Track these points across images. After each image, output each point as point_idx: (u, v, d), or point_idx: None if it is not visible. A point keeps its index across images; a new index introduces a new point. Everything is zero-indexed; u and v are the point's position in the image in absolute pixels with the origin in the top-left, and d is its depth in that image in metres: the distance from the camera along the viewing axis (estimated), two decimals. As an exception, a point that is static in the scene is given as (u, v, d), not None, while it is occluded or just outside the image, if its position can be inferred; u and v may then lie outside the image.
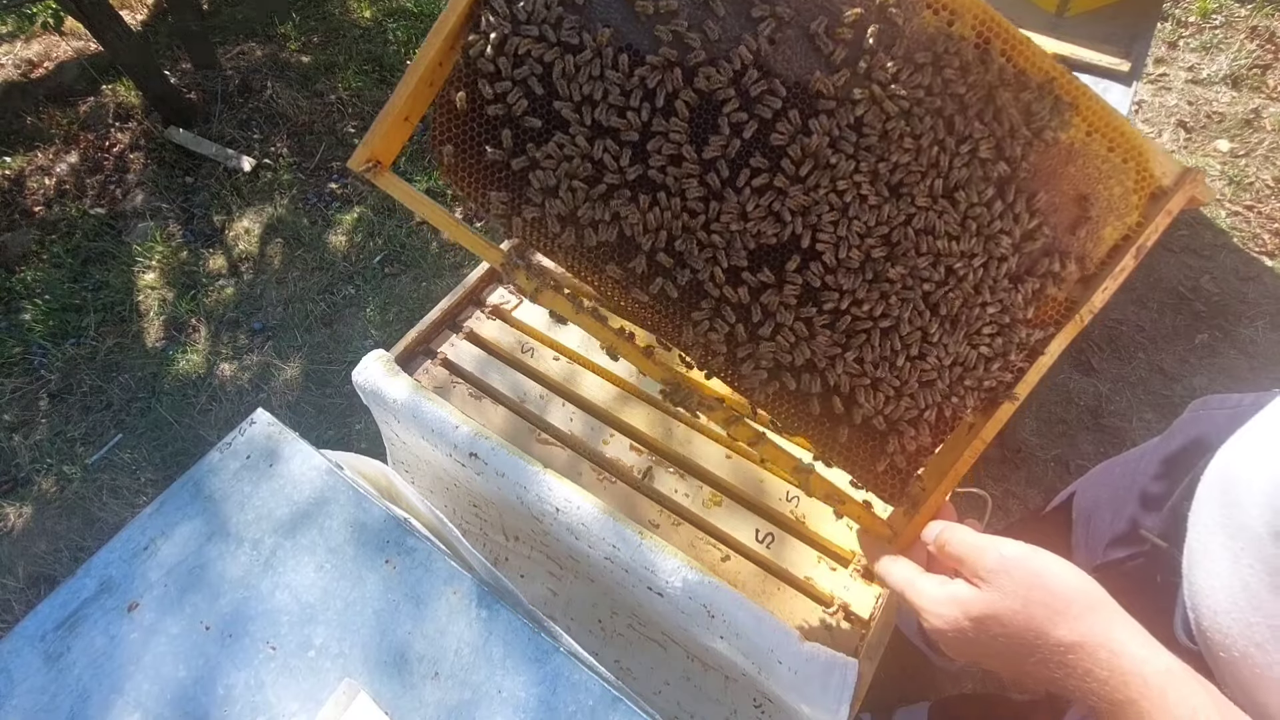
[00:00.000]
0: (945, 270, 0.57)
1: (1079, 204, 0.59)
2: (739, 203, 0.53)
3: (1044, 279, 0.59)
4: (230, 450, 0.74)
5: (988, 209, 0.56)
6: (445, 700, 0.58)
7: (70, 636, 0.62)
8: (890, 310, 0.56)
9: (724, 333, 0.56)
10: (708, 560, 0.74)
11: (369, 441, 1.84)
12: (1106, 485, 0.80)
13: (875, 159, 0.53)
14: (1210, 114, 2.40)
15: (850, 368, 0.57)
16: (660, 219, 0.54)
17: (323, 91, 2.67)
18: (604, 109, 0.53)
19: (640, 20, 0.53)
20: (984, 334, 0.58)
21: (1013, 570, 0.46)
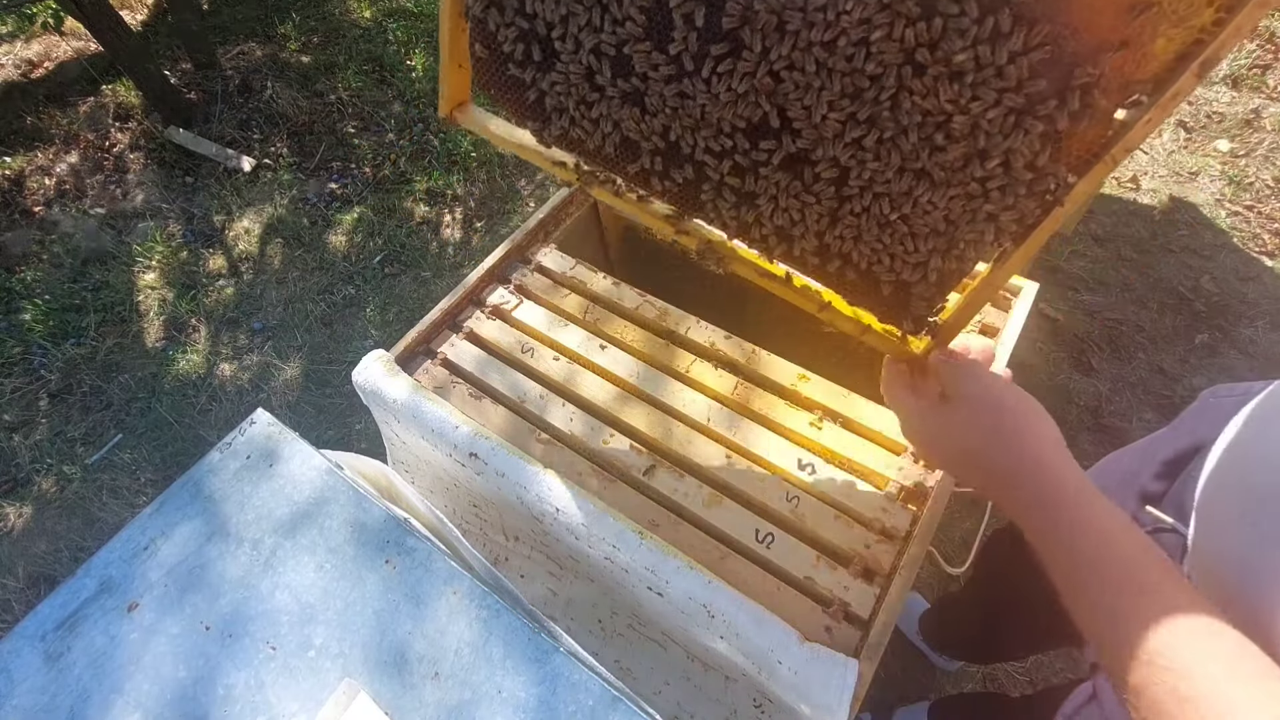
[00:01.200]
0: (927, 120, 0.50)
1: (1113, 11, 0.43)
2: (711, 91, 0.55)
3: (1053, 122, 0.47)
4: (230, 450, 0.74)
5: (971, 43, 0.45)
6: (445, 700, 0.58)
7: (70, 636, 0.62)
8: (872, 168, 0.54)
9: (728, 208, 0.62)
10: (708, 560, 0.74)
11: (369, 441, 1.84)
12: (1107, 479, 0.81)
13: (823, 15, 0.48)
14: (1210, 114, 2.40)
15: (846, 232, 0.59)
16: (651, 122, 0.60)
17: (323, 91, 2.67)
18: (577, 32, 0.58)
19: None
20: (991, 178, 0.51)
21: (990, 387, 0.53)
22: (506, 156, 2.49)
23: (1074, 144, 0.48)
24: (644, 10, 0.54)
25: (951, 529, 1.62)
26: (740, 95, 0.55)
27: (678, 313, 0.94)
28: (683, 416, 0.84)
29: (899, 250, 0.58)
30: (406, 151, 2.48)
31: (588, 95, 0.62)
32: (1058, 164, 0.49)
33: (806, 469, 0.78)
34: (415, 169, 2.45)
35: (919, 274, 0.59)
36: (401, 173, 2.44)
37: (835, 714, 0.60)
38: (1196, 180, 2.24)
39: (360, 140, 2.54)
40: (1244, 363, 1.86)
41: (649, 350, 0.90)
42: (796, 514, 0.75)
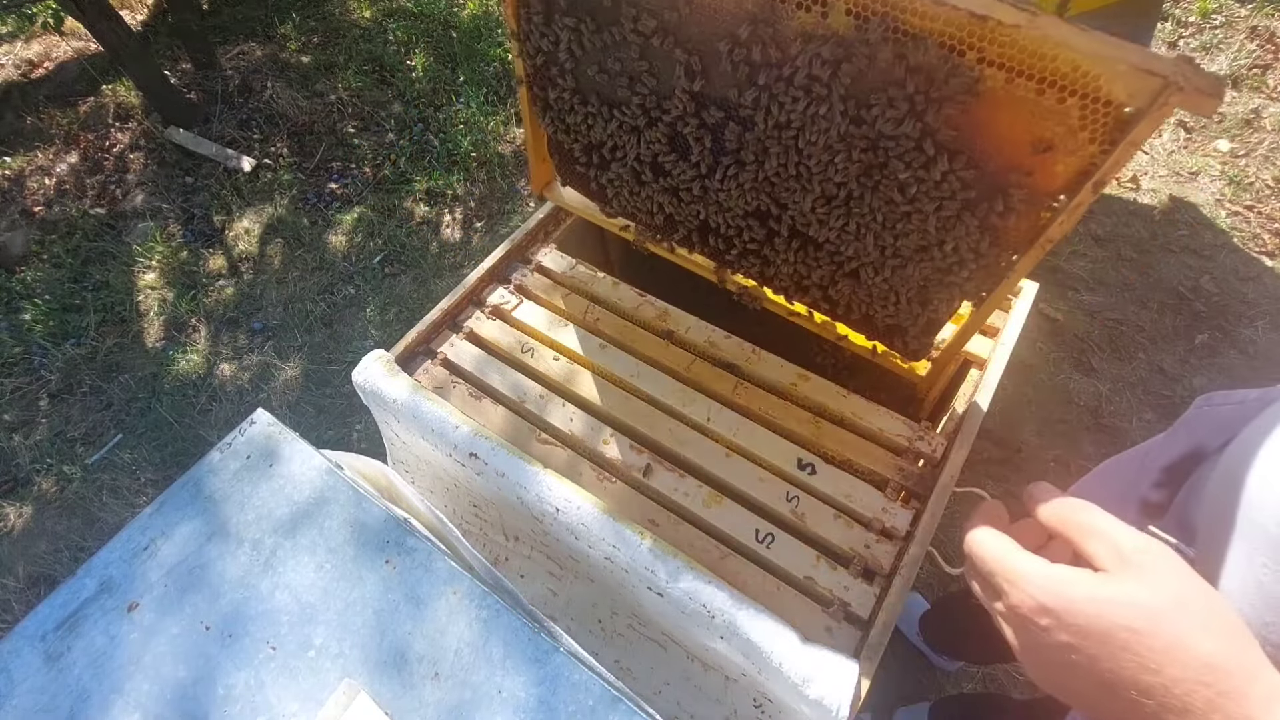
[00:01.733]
0: (889, 215, 0.65)
1: (1017, 147, 0.56)
2: (724, 189, 0.74)
3: (987, 217, 0.59)
4: (230, 450, 0.74)
5: (905, 168, 0.59)
6: (445, 700, 0.58)
7: (70, 636, 0.62)
8: (854, 245, 0.71)
9: (753, 268, 0.83)
10: (707, 560, 0.74)
11: (369, 441, 1.84)
12: (1104, 490, 0.80)
13: (795, 145, 0.65)
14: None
15: (845, 287, 0.76)
16: (685, 208, 0.80)
17: (323, 91, 2.67)
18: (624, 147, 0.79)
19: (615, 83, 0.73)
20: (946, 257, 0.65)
21: (1174, 567, 0.37)
22: (506, 156, 2.49)
23: (1011, 234, 0.61)
24: (667, 136, 0.73)
25: (951, 529, 1.62)
26: (745, 191, 0.73)
27: (678, 313, 0.94)
28: (683, 416, 0.84)
29: (889, 303, 0.73)
30: (406, 151, 2.48)
31: (636, 187, 0.83)
32: (999, 249, 0.62)
33: (806, 469, 0.78)
34: (415, 169, 2.45)
35: (908, 320, 0.74)
36: (401, 173, 2.44)
37: (835, 714, 0.60)
38: (1196, 180, 2.24)
39: (360, 140, 2.54)
40: (1244, 363, 1.86)
41: (649, 350, 0.90)
42: (796, 514, 0.75)
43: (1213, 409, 0.69)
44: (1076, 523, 0.40)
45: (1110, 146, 0.52)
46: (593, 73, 0.73)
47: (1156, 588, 0.36)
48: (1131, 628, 0.35)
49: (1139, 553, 0.37)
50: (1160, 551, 0.37)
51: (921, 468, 0.78)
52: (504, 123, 2.58)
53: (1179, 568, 0.37)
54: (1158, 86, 0.48)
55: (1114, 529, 0.39)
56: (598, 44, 0.69)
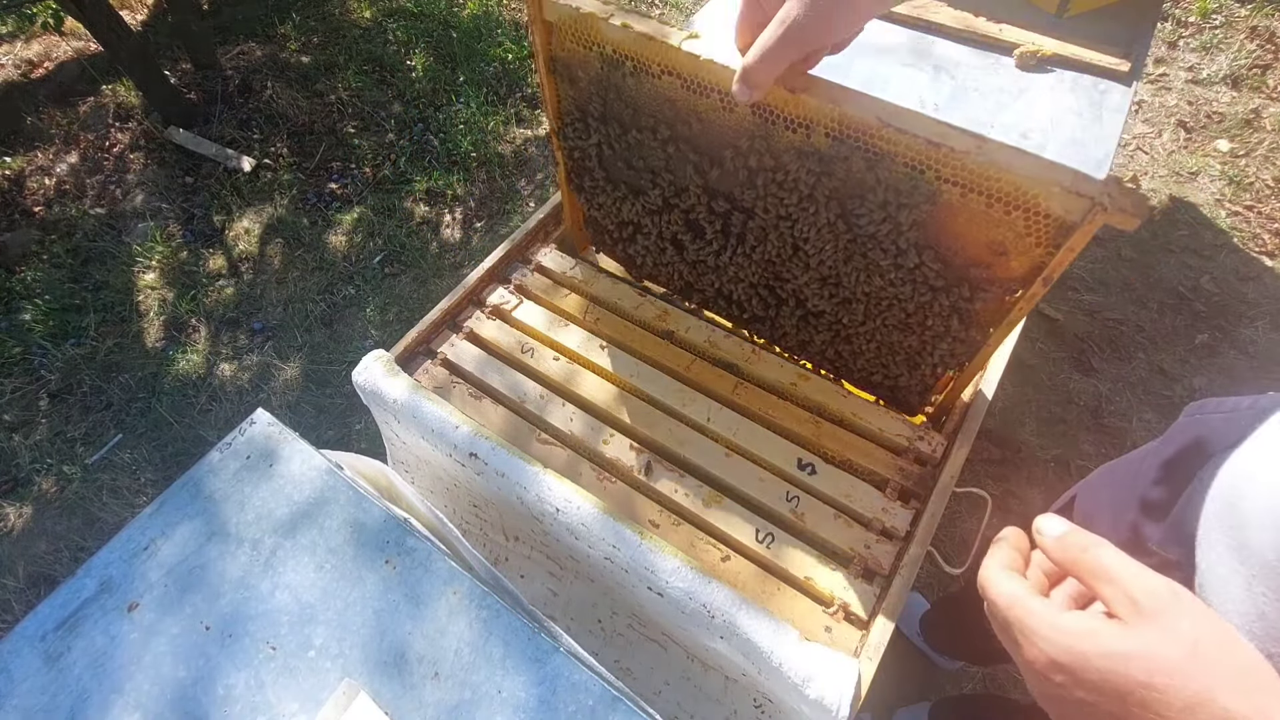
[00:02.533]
0: (875, 294, 0.75)
1: (976, 247, 0.65)
2: (735, 263, 0.85)
3: (956, 302, 0.69)
4: (230, 450, 0.74)
5: (884, 256, 0.70)
6: (445, 700, 0.58)
7: (70, 637, 0.62)
8: (848, 316, 0.80)
9: (763, 330, 0.93)
10: (707, 560, 0.74)
11: (369, 441, 1.84)
12: (1105, 490, 0.79)
13: (791, 233, 0.75)
14: (1210, 114, 2.40)
15: (844, 351, 0.85)
16: (703, 278, 0.91)
17: (323, 91, 2.67)
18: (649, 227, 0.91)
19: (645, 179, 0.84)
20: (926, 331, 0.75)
21: (1189, 612, 0.35)
22: (506, 156, 2.50)
23: (979, 315, 0.70)
24: (684, 219, 0.84)
25: (951, 529, 1.62)
26: (752, 267, 0.83)
27: (678, 312, 0.94)
28: (683, 416, 0.84)
29: (883, 367, 0.82)
30: (406, 151, 2.48)
31: (660, 257, 0.93)
32: (969, 327, 0.71)
33: (806, 469, 0.78)
34: (415, 169, 2.45)
35: (902, 382, 0.83)
36: (401, 173, 2.44)
37: (835, 714, 0.60)
38: (1196, 180, 2.24)
39: (360, 140, 2.54)
40: (1244, 363, 1.86)
41: (649, 350, 0.90)
42: (796, 514, 0.75)
43: (1204, 416, 0.68)
44: (1086, 565, 0.39)
45: (1054, 250, 0.61)
46: (620, 166, 0.85)
47: (1173, 639, 0.34)
48: (1149, 684, 0.34)
49: (1153, 598, 0.35)
50: (1175, 596, 0.36)
51: (921, 468, 0.78)
52: (504, 123, 2.58)
53: (1196, 613, 0.35)
54: (1087, 205, 0.55)
55: (1125, 573, 0.37)
56: (624, 145, 0.81)
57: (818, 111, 0.63)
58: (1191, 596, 0.36)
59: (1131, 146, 2.34)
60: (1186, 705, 0.33)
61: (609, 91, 0.77)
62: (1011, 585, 0.41)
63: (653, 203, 0.85)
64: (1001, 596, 0.41)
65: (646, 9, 2.97)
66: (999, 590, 0.41)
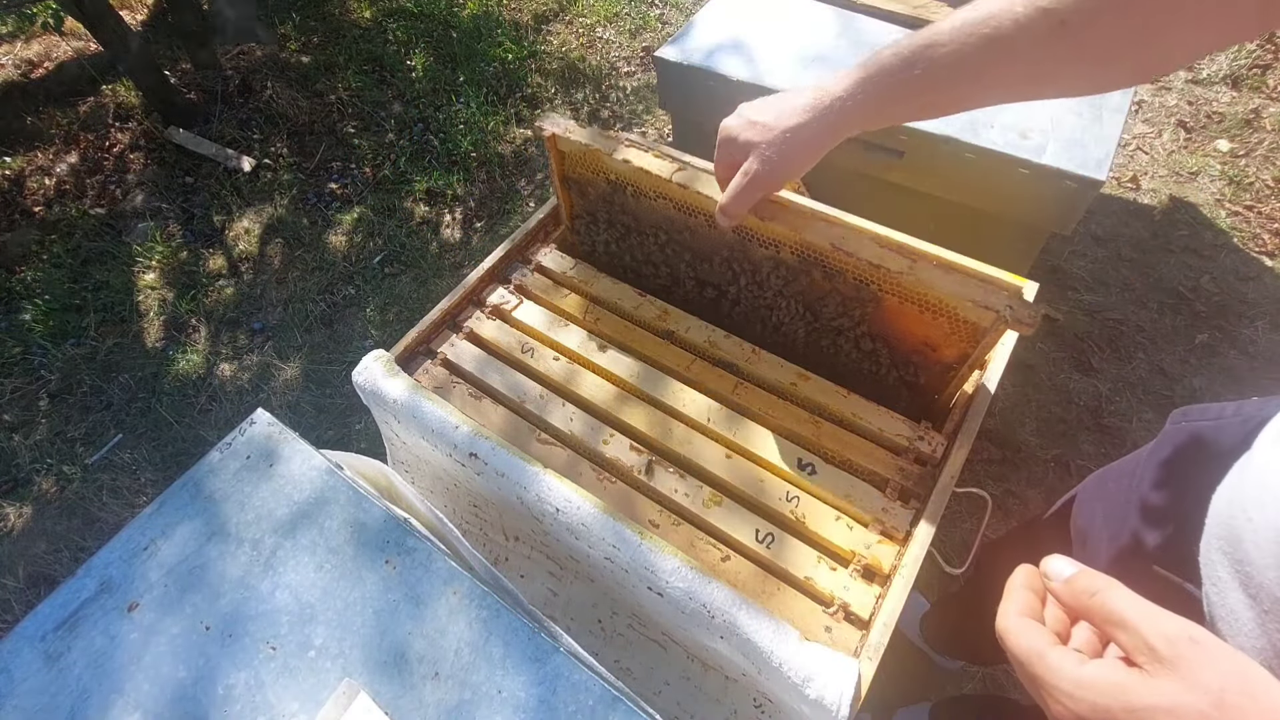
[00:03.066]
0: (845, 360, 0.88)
1: (915, 339, 0.80)
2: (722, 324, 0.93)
3: (903, 375, 0.84)
4: (230, 450, 0.74)
5: (845, 340, 0.85)
6: (445, 700, 0.58)
7: (70, 637, 0.62)
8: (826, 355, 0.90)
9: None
10: (707, 560, 0.74)
11: (369, 441, 1.84)
12: (1099, 503, 0.78)
13: (770, 317, 0.90)
14: (1210, 114, 2.40)
15: None
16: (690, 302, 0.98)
17: (323, 91, 2.67)
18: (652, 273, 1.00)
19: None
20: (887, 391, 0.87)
21: (1211, 658, 0.34)
22: (506, 156, 2.50)
23: (925, 386, 0.84)
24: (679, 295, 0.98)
25: (951, 529, 1.62)
26: (735, 326, 0.93)
27: (678, 312, 0.94)
28: (683, 416, 0.84)
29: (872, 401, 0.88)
30: (406, 151, 2.48)
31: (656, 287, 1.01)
32: (917, 394, 0.85)
33: (806, 469, 0.78)
34: (415, 169, 2.45)
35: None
36: (401, 173, 2.44)
37: (835, 714, 0.60)
38: (1196, 180, 2.24)
39: (360, 140, 2.54)
40: (1244, 363, 1.86)
41: (649, 350, 0.90)
42: (796, 514, 0.75)
43: (1189, 424, 0.67)
44: (1098, 610, 0.38)
45: (975, 345, 0.74)
46: (624, 256, 0.99)
47: (1198, 690, 0.33)
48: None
49: (1172, 646, 0.34)
50: (1194, 643, 0.34)
51: (921, 468, 0.79)
52: (504, 123, 2.58)
53: (1218, 659, 0.34)
54: (993, 317, 0.69)
55: (1140, 619, 0.36)
56: (627, 243, 0.96)
57: (784, 235, 0.78)
58: (1213, 640, 0.35)
59: (1131, 146, 2.34)
60: None
61: (614, 206, 0.93)
62: (1030, 638, 0.39)
63: (649, 284, 0.99)
64: (1021, 651, 0.39)
65: (646, 8, 2.97)
66: (1018, 644, 0.40)
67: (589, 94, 2.67)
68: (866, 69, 0.61)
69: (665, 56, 1.50)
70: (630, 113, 2.61)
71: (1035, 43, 0.52)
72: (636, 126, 2.57)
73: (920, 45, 0.57)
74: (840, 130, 0.64)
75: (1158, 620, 0.35)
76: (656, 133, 2.54)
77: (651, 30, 2.89)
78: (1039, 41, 0.52)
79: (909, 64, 0.58)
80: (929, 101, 0.60)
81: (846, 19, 1.56)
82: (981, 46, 0.54)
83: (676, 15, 2.94)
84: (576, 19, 2.97)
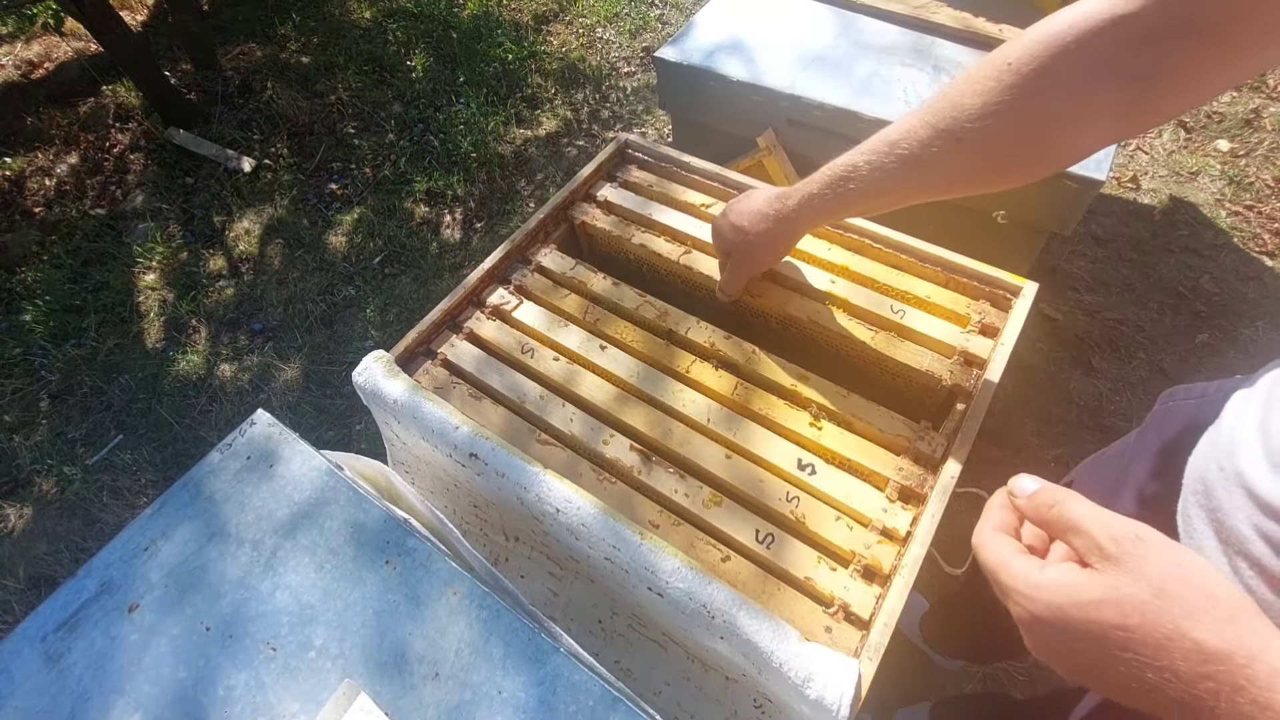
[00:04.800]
0: None
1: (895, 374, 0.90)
2: None
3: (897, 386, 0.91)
4: (230, 451, 0.74)
5: None
6: (445, 700, 0.58)
7: (71, 637, 0.63)
8: None
9: None
10: (707, 560, 0.74)
11: (369, 442, 1.84)
12: (1095, 482, 0.80)
13: None
14: (1210, 113, 2.40)
15: None
16: None
17: (323, 92, 2.68)
18: None
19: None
20: None
21: (1151, 552, 0.36)
22: (506, 156, 2.50)
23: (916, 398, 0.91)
24: None
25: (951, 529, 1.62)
26: None
27: (678, 313, 0.94)
28: (683, 417, 0.84)
29: None
30: (406, 152, 2.48)
31: None
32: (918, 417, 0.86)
33: (806, 469, 0.78)
34: (415, 169, 2.45)
35: None
36: (401, 173, 2.44)
37: (835, 714, 0.60)
38: (1196, 180, 2.24)
39: (360, 140, 2.54)
40: (1244, 362, 1.85)
41: (649, 350, 0.90)
42: (796, 514, 0.75)
43: (1176, 404, 0.70)
44: (1056, 519, 0.40)
45: (939, 387, 0.85)
46: None
47: (1140, 580, 0.35)
48: (1123, 625, 0.35)
49: (1117, 543, 0.37)
50: (1139, 539, 0.37)
51: (922, 468, 0.78)
52: (504, 123, 2.58)
53: (1162, 551, 0.36)
54: (940, 380, 0.84)
55: (1091, 521, 0.38)
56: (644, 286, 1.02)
57: (772, 308, 0.94)
58: (1157, 537, 0.37)
59: (1131, 147, 2.34)
60: (1159, 644, 0.34)
61: (632, 271, 1.08)
62: (997, 550, 0.42)
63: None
64: (989, 563, 0.42)
65: (646, 9, 2.97)
66: (987, 557, 0.43)
67: (589, 94, 2.67)
68: (811, 185, 0.74)
69: (665, 57, 1.50)
70: (630, 113, 2.62)
71: (939, 158, 0.61)
72: (636, 126, 2.57)
73: (848, 166, 0.69)
74: (799, 231, 0.82)
75: (1107, 522, 0.38)
76: (656, 133, 2.54)
77: (651, 30, 2.89)
78: (943, 156, 0.61)
79: (844, 180, 0.70)
80: (865, 208, 0.73)
81: (846, 19, 1.56)
82: (899, 165, 0.64)
83: (676, 15, 2.94)
84: (576, 19, 2.97)
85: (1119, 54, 0.51)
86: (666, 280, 1.05)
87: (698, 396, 0.85)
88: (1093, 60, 0.52)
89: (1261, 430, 0.49)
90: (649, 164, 1.13)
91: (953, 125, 0.59)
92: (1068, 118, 0.55)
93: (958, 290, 0.93)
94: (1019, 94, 0.55)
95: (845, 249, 0.98)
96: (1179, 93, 0.51)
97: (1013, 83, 0.55)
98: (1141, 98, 0.52)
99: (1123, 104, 0.53)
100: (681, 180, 1.10)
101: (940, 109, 0.60)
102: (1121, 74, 0.51)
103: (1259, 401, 0.52)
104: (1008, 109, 0.56)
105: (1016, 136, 0.58)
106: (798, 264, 0.97)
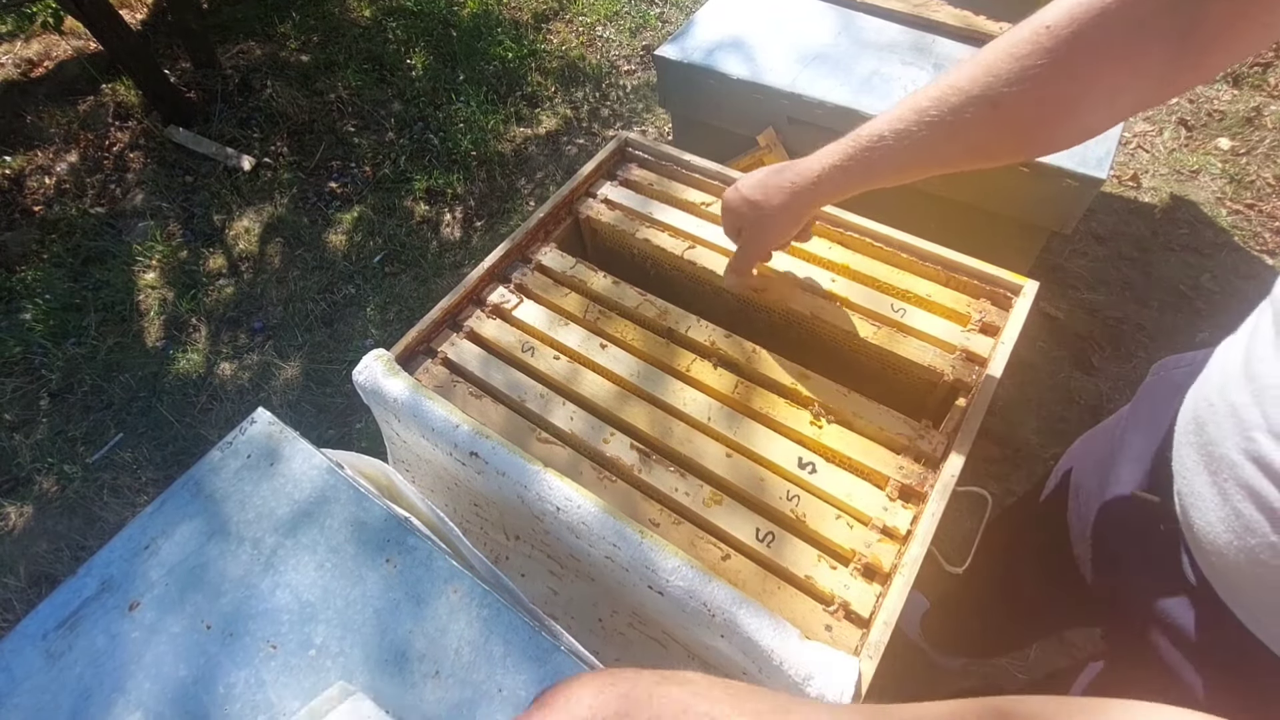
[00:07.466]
0: None
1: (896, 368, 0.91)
2: None
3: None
4: (231, 449, 0.74)
5: None
6: (446, 699, 0.58)
7: (71, 635, 0.63)
8: None
9: None
10: (708, 559, 0.74)
11: (369, 440, 1.84)
12: (1090, 453, 0.83)
13: None
14: (1211, 112, 2.39)
15: None
16: None
17: (322, 91, 2.67)
18: None
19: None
20: None
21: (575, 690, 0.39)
22: (506, 155, 2.49)
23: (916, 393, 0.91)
24: None
25: (952, 529, 1.62)
26: None
27: (678, 312, 0.94)
28: (683, 415, 0.84)
29: None
30: (406, 150, 2.48)
31: None
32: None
33: (807, 468, 0.78)
34: (415, 168, 2.45)
35: None
36: (401, 171, 2.44)
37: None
38: (1197, 178, 2.23)
39: (360, 139, 2.54)
40: (1245, 361, 1.85)
41: (649, 349, 0.90)
42: (797, 513, 0.75)
43: (1167, 374, 0.72)
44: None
45: (940, 382, 0.86)
46: None
47: None
48: None
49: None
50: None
51: (922, 467, 0.78)
52: (504, 121, 2.58)
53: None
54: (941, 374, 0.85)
55: None
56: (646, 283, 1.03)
57: (774, 303, 0.94)
58: None
59: (1132, 145, 2.34)
60: None
61: (635, 268, 1.09)
62: None
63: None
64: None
65: (646, 7, 2.97)
66: None
67: (589, 93, 2.67)
68: (832, 156, 0.72)
69: (665, 55, 1.50)
70: (630, 111, 2.61)
71: (972, 125, 0.61)
72: (636, 125, 2.57)
73: (873, 136, 0.68)
74: (817, 203, 0.78)
75: None
76: (656, 131, 2.54)
77: (651, 29, 2.89)
78: (975, 123, 0.61)
79: (870, 149, 0.68)
80: (887, 179, 0.71)
81: (846, 17, 1.56)
82: (928, 133, 0.64)
83: (676, 14, 2.94)
84: (576, 18, 2.97)
85: (1158, 13, 0.50)
86: (670, 276, 1.05)
87: (698, 395, 0.85)
88: (1131, 21, 0.51)
89: (1245, 358, 0.52)
90: (649, 162, 1.13)
91: (987, 90, 0.58)
92: (1108, 79, 0.54)
93: (958, 289, 0.93)
94: (1058, 57, 0.54)
95: (846, 248, 0.98)
96: (1222, 50, 0.51)
97: (1052, 46, 0.54)
98: (1181, 55, 0.51)
99: (1162, 64, 0.52)
100: (682, 178, 1.10)
101: (974, 75, 0.59)
102: (1160, 33, 0.51)
103: (1242, 339, 0.55)
104: (1047, 72, 0.55)
105: (1054, 101, 0.57)
106: (799, 262, 0.97)
